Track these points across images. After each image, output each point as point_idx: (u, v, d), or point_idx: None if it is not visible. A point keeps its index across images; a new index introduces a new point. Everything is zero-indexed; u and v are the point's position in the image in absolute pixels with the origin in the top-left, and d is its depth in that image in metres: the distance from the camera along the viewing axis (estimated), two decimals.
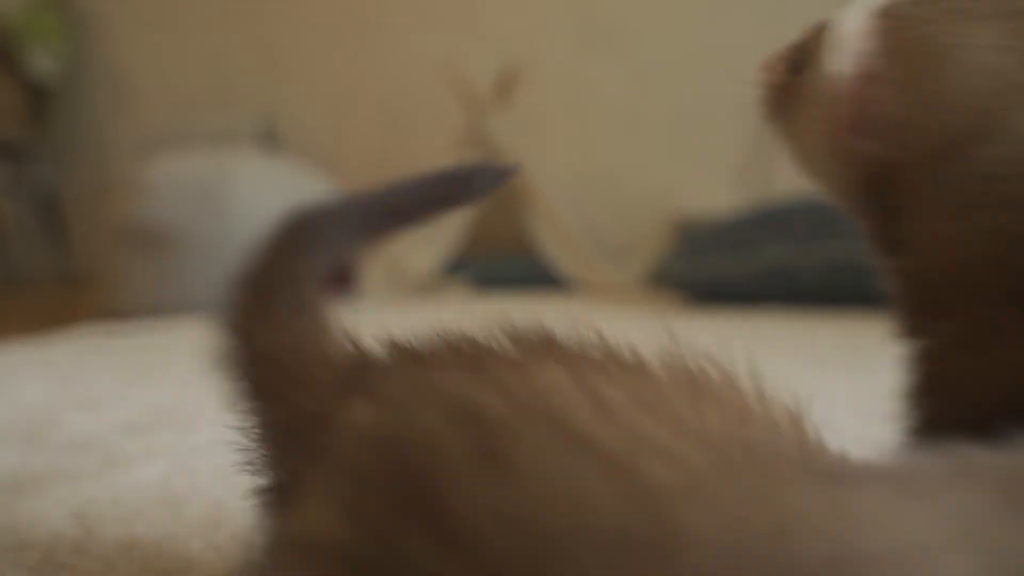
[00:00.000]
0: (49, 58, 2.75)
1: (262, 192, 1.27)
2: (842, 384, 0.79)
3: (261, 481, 0.30)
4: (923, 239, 0.31)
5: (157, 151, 2.68)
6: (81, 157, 3.07)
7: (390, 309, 1.69)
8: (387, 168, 2.75)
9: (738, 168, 2.36)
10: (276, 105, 2.82)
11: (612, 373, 0.26)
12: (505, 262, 2.25)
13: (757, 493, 0.19)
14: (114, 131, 2.92)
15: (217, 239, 1.20)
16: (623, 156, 2.52)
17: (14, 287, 2.79)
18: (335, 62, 2.74)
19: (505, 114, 2.26)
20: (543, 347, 0.29)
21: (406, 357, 0.29)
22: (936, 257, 0.31)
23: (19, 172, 3.01)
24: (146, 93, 3.00)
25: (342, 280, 1.77)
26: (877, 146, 0.31)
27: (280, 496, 0.29)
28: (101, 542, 0.39)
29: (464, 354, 0.28)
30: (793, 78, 0.35)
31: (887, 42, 0.31)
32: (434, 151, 2.56)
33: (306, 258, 0.37)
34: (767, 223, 1.59)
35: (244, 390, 0.32)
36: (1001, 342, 0.29)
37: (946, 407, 0.31)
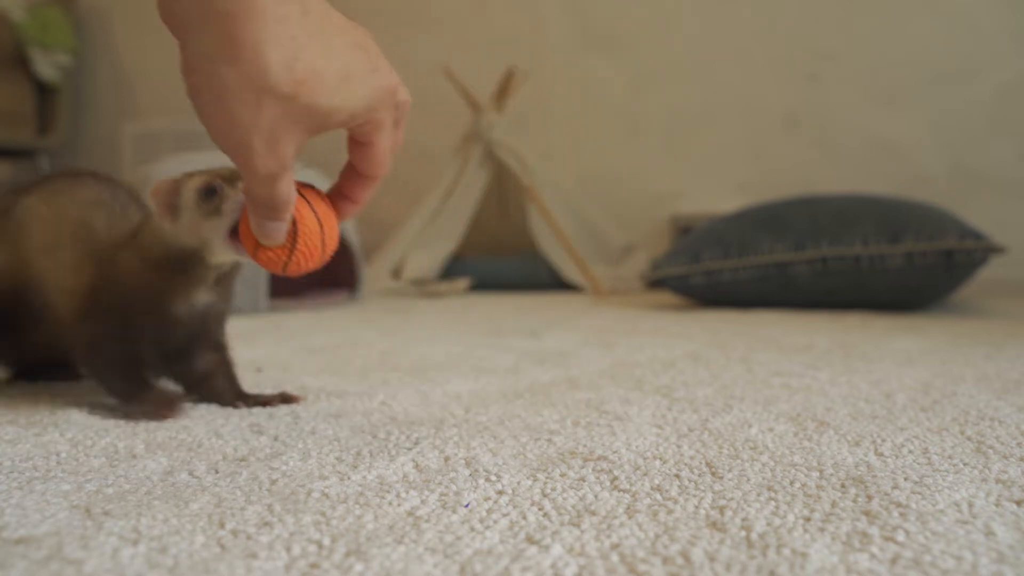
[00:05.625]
0: (55, 59, 2.75)
1: None
2: (839, 383, 0.79)
3: None
4: None
5: (159, 150, 2.68)
6: (84, 157, 3.07)
7: (391, 309, 1.70)
8: None
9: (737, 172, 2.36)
10: None
11: None
12: (505, 262, 2.25)
13: None
14: (117, 130, 2.92)
15: None
16: (623, 158, 2.52)
17: None
18: None
19: (505, 116, 2.26)
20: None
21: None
22: None
23: (22, 172, 3.01)
24: (148, 93, 3.01)
25: (344, 281, 1.78)
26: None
27: None
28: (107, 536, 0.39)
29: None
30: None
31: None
32: (433, 153, 2.56)
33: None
34: (765, 225, 1.60)
35: None
36: None
37: None
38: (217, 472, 0.50)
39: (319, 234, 0.51)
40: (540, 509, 0.43)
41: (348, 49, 0.46)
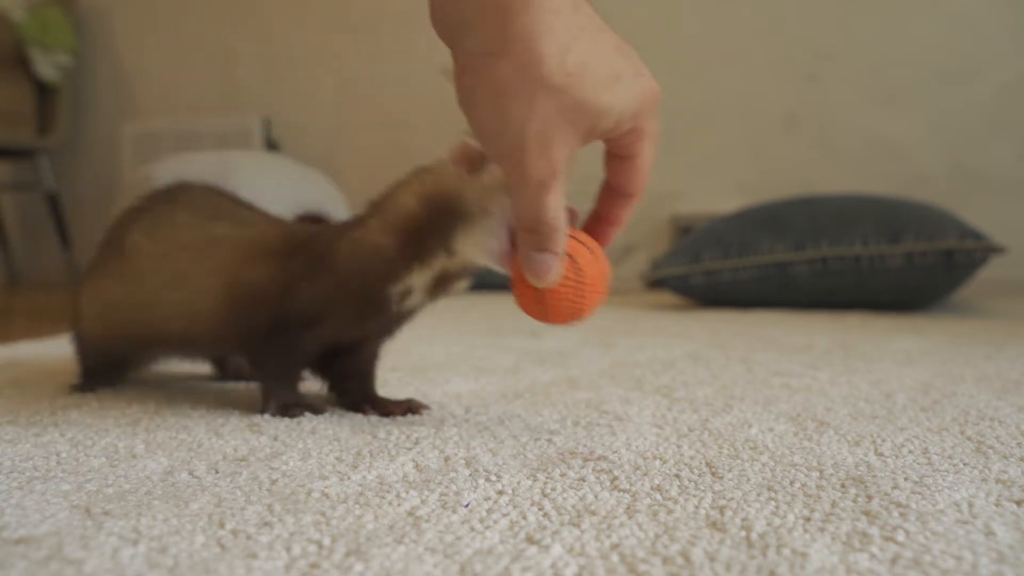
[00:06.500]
0: (55, 59, 2.75)
1: (264, 192, 1.28)
2: (839, 383, 0.79)
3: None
4: None
5: (159, 150, 2.68)
6: (84, 156, 3.07)
7: None
8: (385, 170, 2.76)
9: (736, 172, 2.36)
10: (275, 106, 2.83)
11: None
12: None
13: None
14: (117, 130, 2.92)
15: None
16: None
17: (16, 287, 2.79)
18: (334, 64, 2.74)
19: None
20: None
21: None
22: None
23: (22, 172, 3.01)
24: (148, 93, 3.00)
25: None
26: None
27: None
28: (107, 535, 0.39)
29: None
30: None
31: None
32: (433, 153, 2.56)
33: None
34: (765, 225, 1.59)
35: None
36: None
37: None
38: (217, 472, 0.50)
39: (596, 263, 0.48)
40: (540, 509, 0.43)
41: (614, 50, 0.45)
